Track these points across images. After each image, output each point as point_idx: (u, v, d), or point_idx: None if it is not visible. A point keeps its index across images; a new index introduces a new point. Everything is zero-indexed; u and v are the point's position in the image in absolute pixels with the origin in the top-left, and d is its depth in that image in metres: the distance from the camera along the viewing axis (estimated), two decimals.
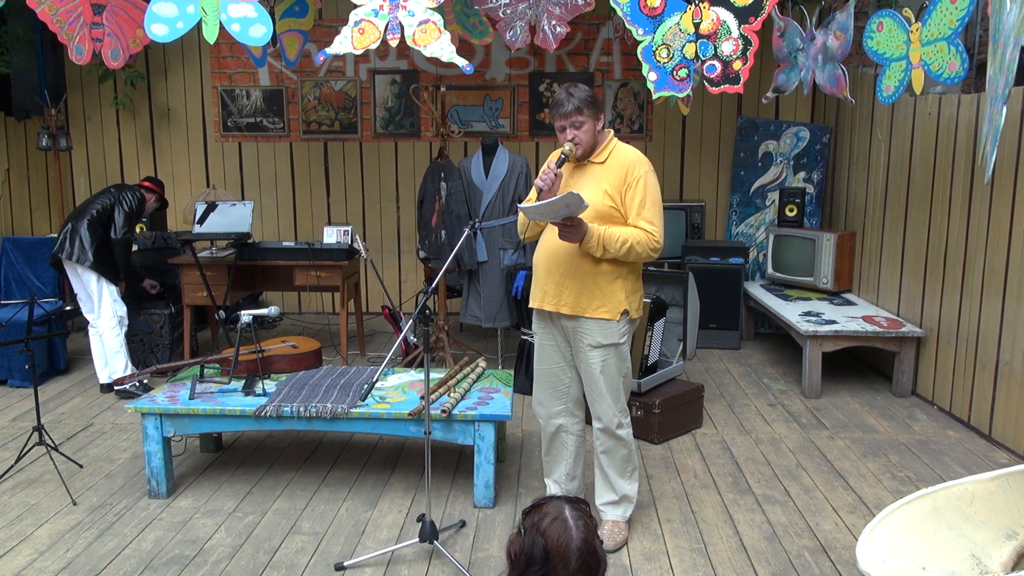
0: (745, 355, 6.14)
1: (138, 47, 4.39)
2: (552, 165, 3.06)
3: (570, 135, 3.10)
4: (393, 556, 3.23)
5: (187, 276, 5.58)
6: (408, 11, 3.83)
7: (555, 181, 3.05)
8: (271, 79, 7.16)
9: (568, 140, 3.11)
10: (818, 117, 6.92)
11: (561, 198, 2.86)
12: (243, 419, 3.68)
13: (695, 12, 3.87)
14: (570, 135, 3.10)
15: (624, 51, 6.90)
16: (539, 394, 3.39)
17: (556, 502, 1.79)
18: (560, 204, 2.88)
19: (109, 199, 5.10)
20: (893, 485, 3.86)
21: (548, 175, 3.04)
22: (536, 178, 3.11)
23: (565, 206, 2.89)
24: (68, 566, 3.18)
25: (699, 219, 6.87)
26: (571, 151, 3.11)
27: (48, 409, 4.92)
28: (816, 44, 4.31)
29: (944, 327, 4.83)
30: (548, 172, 3.05)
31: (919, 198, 5.08)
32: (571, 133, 3.10)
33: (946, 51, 3.65)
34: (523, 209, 3.06)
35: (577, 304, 3.15)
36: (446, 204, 5.42)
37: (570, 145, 3.10)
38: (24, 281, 5.96)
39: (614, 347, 3.18)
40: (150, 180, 5.44)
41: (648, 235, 3.07)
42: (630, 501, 3.37)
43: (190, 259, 5.52)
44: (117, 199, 5.09)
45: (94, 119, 7.30)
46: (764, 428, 4.64)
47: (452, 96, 6.92)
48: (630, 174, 3.10)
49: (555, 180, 3.05)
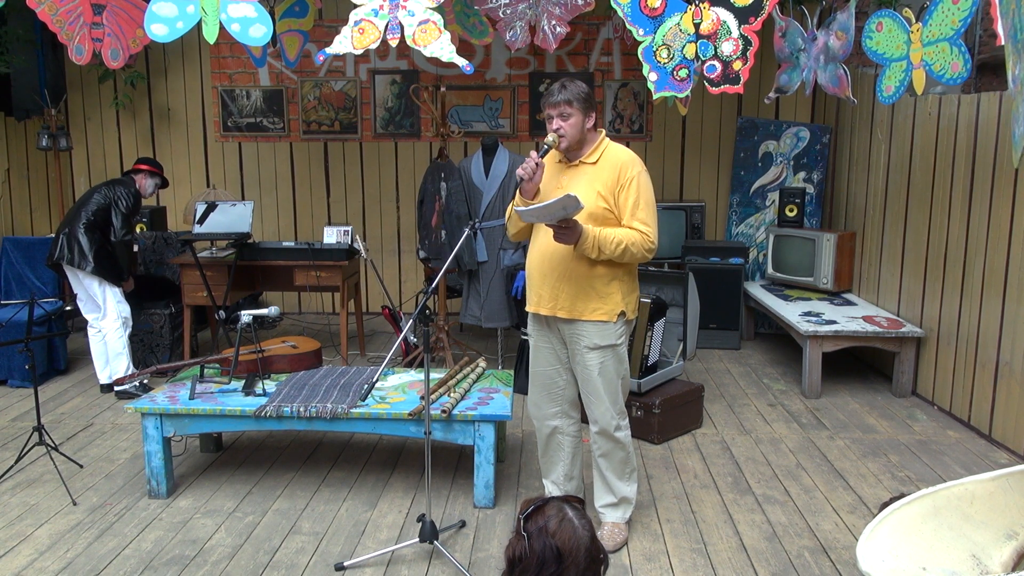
0: (745, 355, 6.14)
1: (138, 47, 4.39)
2: (535, 155, 3.01)
3: (556, 125, 3.05)
4: (393, 556, 3.22)
5: (187, 276, 5.58)
6: (408, 11, 3.82)
7: (536, 171, 3.01)
8: (271, 79, 7.16)
9: (553, 130, 3.07)
10: (818, 117, 6.92)
11: (558, 200, 2.83)
12: (243, 419, 3.68)
13: (695, 12, 3.87)
14: (556, 125, 3.05)
15: (624, 51, 6.90)
16: (534, 396, 3.38)
17: (555, 503, 1.78)
18: (557, 206, 2.85)
19: (103, 199, 5.02)
20: (893, 485, 3.86)
21: (530, 164, 2.99)
22: (518, 168, 3.05)
23: (562, 208, 2.85)
24: (68, 566, 3.18)
25: (699, 219, 6.87)
26: (554, 142, 3.05)
27: (48, 409, 4.92)
28: (817, 44, 4.31)
29: (944, 327, 4.83)
30: (530, 161, 3.00)
31: (919, 198, 5.08)
32: (557, 123, 3.05)
33: (948, 51, 3.65)
34: (519, 212, 3.01)
35: (573, 308, 3.13)
36: (446, 204, 5.42)
37: (554, 136, 3.05)
38: (24, 281, 5.96)
39: (611, 348, 3.16)
40: (145, 161, 5.33)
41: (643, 236, 3.04)
42: (629, 503, 3.37)
43: (190, 259, 5.52)
44: (112, 199, 5.02)
45: (94, 119, 7.30)
46: (764, 428, 4.64)
47: (452, 96, 6.92)
48: (623, 175, 3.07)
49: (536, 169, 3.01)
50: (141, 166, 5.29)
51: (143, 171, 5.27)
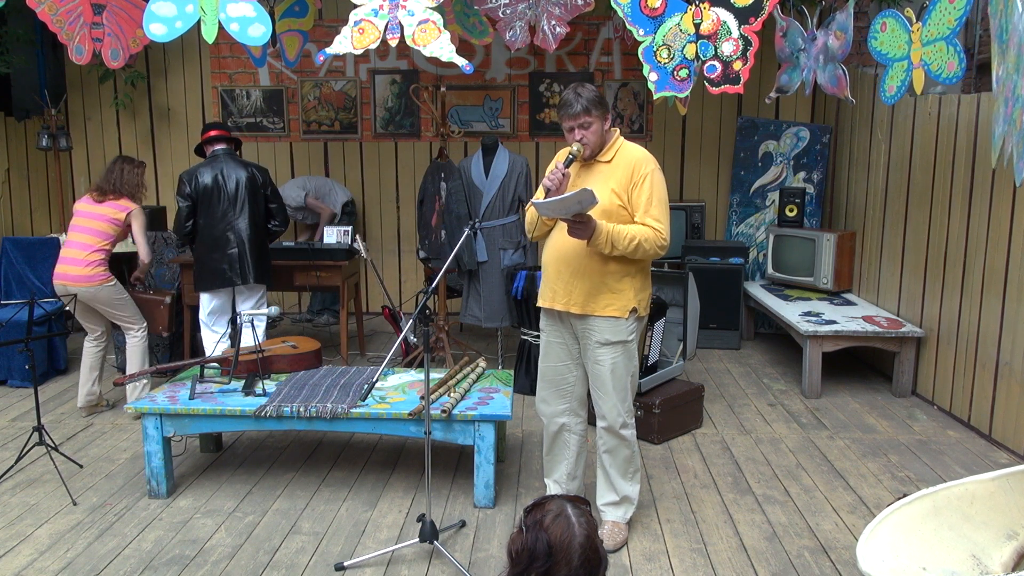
0: (745, 355, 6.14)
1: (138, 47, 4.40)
2: (560, 165, 3.07)
3: (578, 135, 3.11)
4: (393, 556, 3.22)
5: (187, 276, 5.58)
6: (408, 11, 3.83)
7: (563, 181, 3.05)
8: (271, 79, 7.16)
9: (576, 140, 3.11)
10: (818, 117, 6.92)
11: (574, 194, 2.87)
12: (243, 419, 3.68)
13: (695, 13, 3.87)
14: (578, 135, 3.11)
15: (624, 51, 6.90)
16: (543, 392, 3.39)
17: (558, 500, 1.79)
18: (572, 200, 2.90)
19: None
20: (893, 485, 3.86)
21: (556, 175, 3.04)
22: (544, 178, 3.11)
23: (577, 202, 2.90)
24: (68, 566, 3.17)
25: (699, 219, 6.87)
26: (579, 151, 3.10)
27: (48, 409, 4.92)
28: (817, 44, 4.31)
29: (944, 327, 4.83)
30: (556, 172, 3.05)
31: (919, 198, 5.08)
32: (579, 134, 3.10)
33: (945, 51, 3.66)
34: (536, 205, 3.06)
35: (587, 303, 3.16)
36: (446, 204, 5.42)
37: (578, 146, 3.10)
38: (24, 281, 5.96)
39: (622, 345, 3.18)
40: (216, 127, 4.97)
41: (656, 232, 3.08)
42: (631, 502, 3.37)
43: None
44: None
45: (94, 119, 7.30)
46: (764, 428, 4.64)
47: (452, 96, 6.92)
48: (637, 172, 3.11)
49: (563, 180, 3.05)
50: (215, 133, 4.93)
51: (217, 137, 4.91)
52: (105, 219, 4.65)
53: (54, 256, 5.88)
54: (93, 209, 4.67)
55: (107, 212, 4.66)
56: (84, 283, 4.56)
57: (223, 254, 4.76)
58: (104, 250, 4.65)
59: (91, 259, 4.57)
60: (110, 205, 4.66)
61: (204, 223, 4.79)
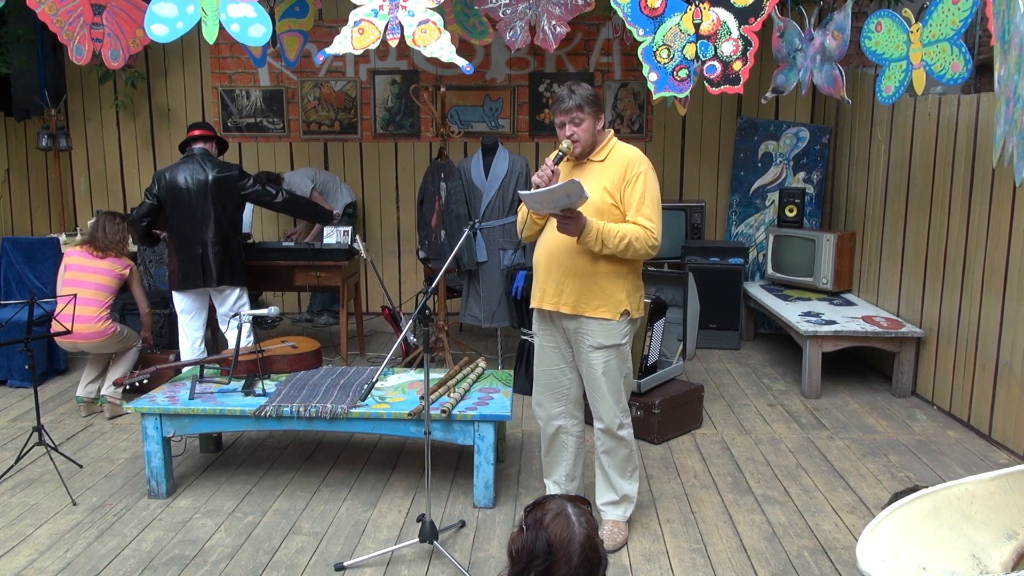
0: (745, 355, 6.14)
1: (138, 47, 4.40)
2: (549, 162, 3.06)
3: (569, 132, 3.10)
4: (393, 556, 3.22)
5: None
6: (408, 11, 3.83)
7: (552, 178, 3.05)
8: (271, 79, 7.17)
9: (567, 137, 3.11)
10: (818, 117, 6.92)
11: (562, 186, 2.87)
12: (243, 419, 3.68)
13: (695, 13, 3.87)
14: (569, 132, 3.10)
15: (624, 51, 6.90)
16: (539, 395, 3.39)
17: (558, 499, 1.80)
18: (560, 192, 2.89)
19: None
20: (893, 485, 3.86)
21: (545, 171, 3.04)
22: (533, 175, 3.10)
23: (565, 195, 2.89)
24: (68, 566, 3.17)
25: (699, 219, 6.87)
26: (569, 148, 3.10)
27: (48, 409, 4.92)
28: (814, 44, 4.31)
29: (944, 327, 4.83)
30: (545, 169, 3.04)
31: (919, 198, 5.08)
32: (570, 130, 3.10)
33: (948, 52, 3.65)
34: (523, 196, 3.05)
35: (577, 304, 3.15)
36: (446, 204, 5.42)
37: (568, 142, 3.10)
38: (24, 281, 5.96)
39: (615, 348, 3.18)
40: (199, 126, 4.99)
41: (647, 232, 3.06)
42: (630, 501, 3.38)
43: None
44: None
45: (94, 119, 7.30)
46: (764, 428, 4.64)
47: (452, 96, 6.92)
48: (629, 171, 3.11)
49: (552, 177, 3.05)
50: (198, 131, 4.96)
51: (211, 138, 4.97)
52: (111, 274, 4.78)
53: (54, 256, 5.91)
54: (96, 264, 4.76)
55: (112, 268, 4.78)
56: (96, 339, 4.70)
57: (189, 255, 4.80)
58: (110, 304, 4.79)
59: (102, 315, 4.70)
60: (112, 261, 4.80)
61: (174, 223, 4.84)
